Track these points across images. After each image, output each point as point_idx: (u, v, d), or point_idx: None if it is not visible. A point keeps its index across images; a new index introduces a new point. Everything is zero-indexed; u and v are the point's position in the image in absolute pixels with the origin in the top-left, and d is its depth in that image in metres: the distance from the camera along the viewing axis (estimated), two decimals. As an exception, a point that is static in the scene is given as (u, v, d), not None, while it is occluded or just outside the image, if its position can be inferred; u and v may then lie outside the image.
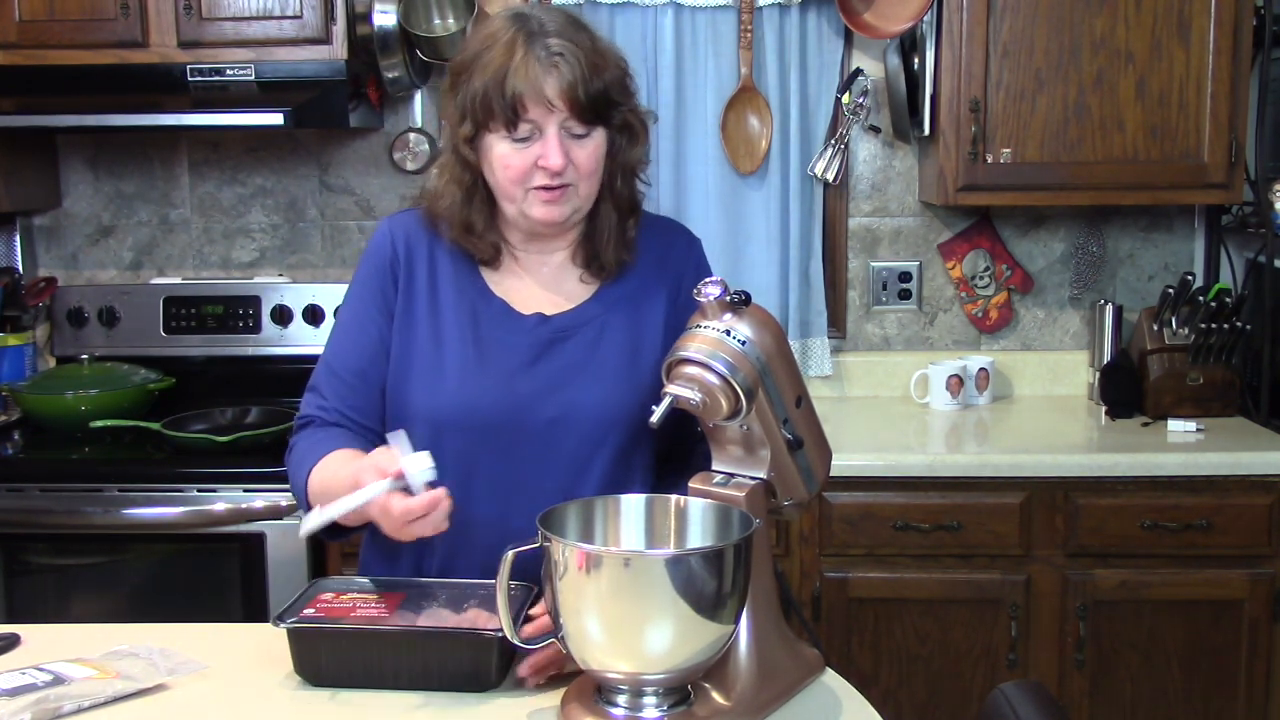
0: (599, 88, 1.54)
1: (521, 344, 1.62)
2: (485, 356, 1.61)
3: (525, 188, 1.56)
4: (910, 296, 3.25)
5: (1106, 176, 2.85)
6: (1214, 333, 2.90)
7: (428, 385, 1.61)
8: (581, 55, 1.53)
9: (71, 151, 3.27)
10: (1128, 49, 2.81)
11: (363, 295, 1.67)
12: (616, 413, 1.60)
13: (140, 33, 2.82)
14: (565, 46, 1.52)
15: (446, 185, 1.63)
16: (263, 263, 3.30)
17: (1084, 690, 2.66)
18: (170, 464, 2.68)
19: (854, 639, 2.67)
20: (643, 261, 1.68)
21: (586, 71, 1.53)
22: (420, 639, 1.42)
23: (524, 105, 1.51)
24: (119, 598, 2.68)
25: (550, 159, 1.53)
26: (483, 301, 1.64)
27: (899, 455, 2.66)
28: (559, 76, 1.51)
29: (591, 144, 1.57)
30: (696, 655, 1.29)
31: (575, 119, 1.54)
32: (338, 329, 1.68)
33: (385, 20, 2.92)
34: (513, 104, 1.51)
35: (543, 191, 1.55)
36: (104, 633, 1.62)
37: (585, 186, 1.58)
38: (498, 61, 1.52)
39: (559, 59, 1.52)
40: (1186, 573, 2.64)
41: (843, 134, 3.14)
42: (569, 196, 1.57)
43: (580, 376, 1.61)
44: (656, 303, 1.67)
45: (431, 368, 1.61)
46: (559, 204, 1.57)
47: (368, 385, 1.64)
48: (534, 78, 1.50)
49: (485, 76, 1.53)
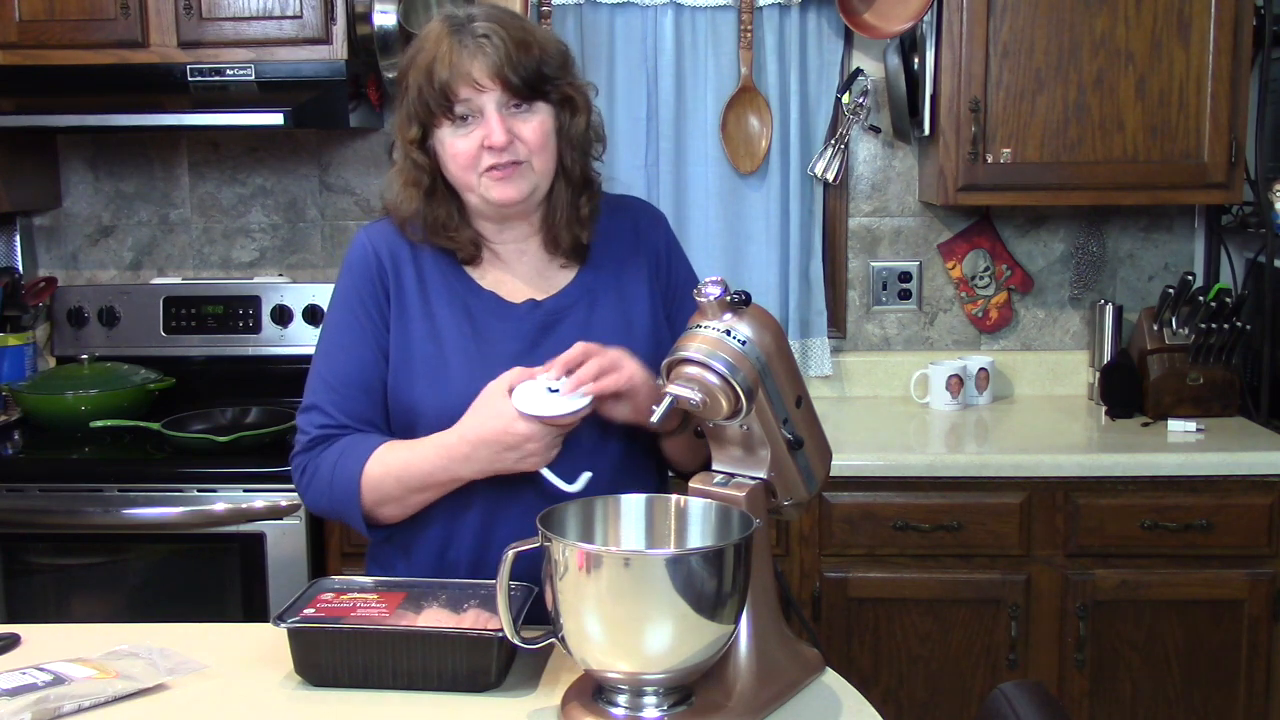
0: (528, 63, 1.57)
1: (518, 330, 1.64)
2: (485, 347, 1.62)
3: (478, 172, 1.59)
4: (910, 296, 3.25)
5: (1106, 176, 2.85)
6: (1214, 333, 2.90)
7: (433, 383, 1.61)
8: (506, 34, 1.56)
9: (71, 151, 3.27)
10: (1128, 49, 2.81)
11: (352, 308, 1.66)
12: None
13: (140, 33, 2.82)
14: (490, 29, 1.57)
15: (405, 190, 1.65)
16: (263, 263, 3.30)
17: (1084, 690, 2.66)
18: (170, 464, 2.68)
19: (854, 639, 2.67)
20: (618, 240, 1.72)
21: (513, 49, 1.56)
22: (420, 639, 1.42)
23: (453, 91, 1.55)
24: (119, 598, 2.68)
25: (492, 136, 1.56)
26: (473, 296, 1.66)
27: (899, 455, 2.66)
28: (484, 57, 1.55)
29: (535, 118, 1.59)
30: (696, 655, 1.29)
31: (509, 95, 1.56)
32: (328, 345, 1.67)
33: (385, 20, 2.91)
34: (443, 91, 1.55)
35: (494, 171, 1.58)
36: (104, 633, 1.62)
37: (539, 161, 1.60)
38: (426, 56, 1.57)
39: (484, 41, 1.56)
40: (1186, 573, 2.64)
41: (843, 134, 3.14)
42: (523, 173, 1.59)
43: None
44: (638, 278, 1.71)
45: (434, 366, 1.62)
46: (512, 181, 1.59)
47: (370, 396, 1.64)
48: (459, 62, 1.55)
49: (418, 74, 1.58)
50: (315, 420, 1.64)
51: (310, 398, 1.66)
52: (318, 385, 1.65)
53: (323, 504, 1.64)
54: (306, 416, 1.65)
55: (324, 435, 1.63)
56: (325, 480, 1.61)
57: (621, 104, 3.11)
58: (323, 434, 1.63)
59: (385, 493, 1.59)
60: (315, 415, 1.64)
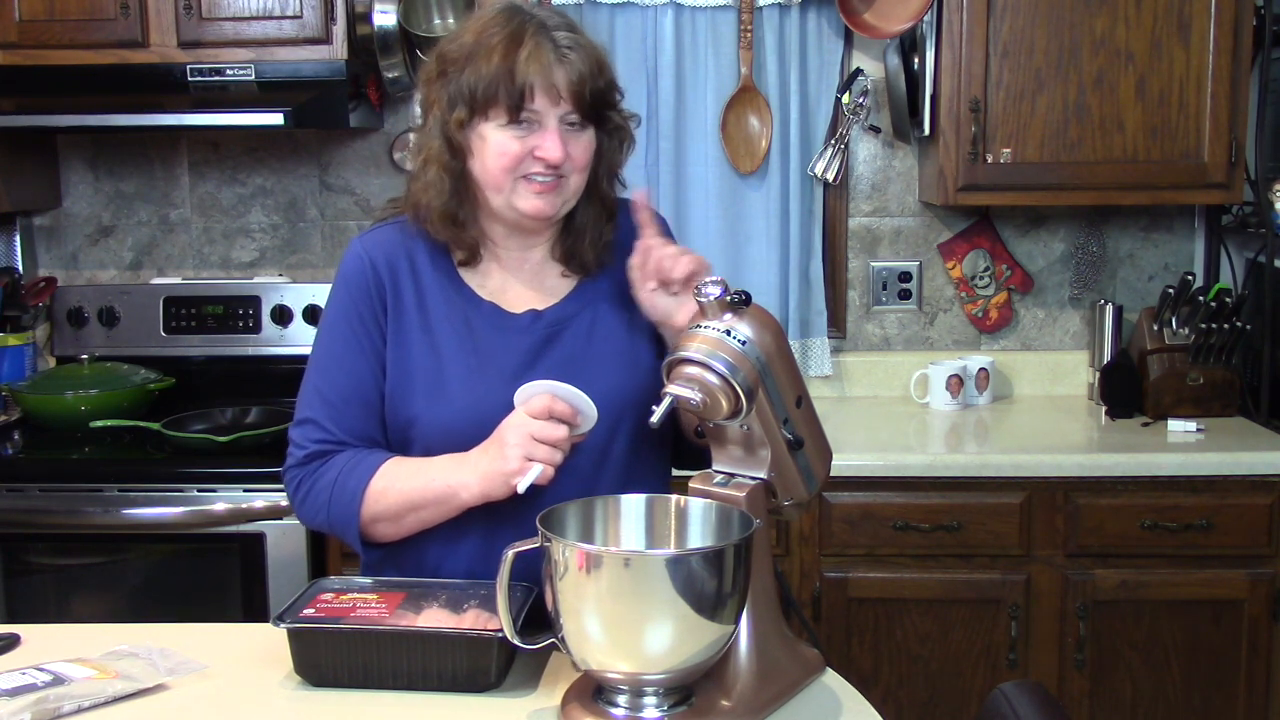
0: (602, 86, 1.56)
1: (519, 344, 1.61)
2: (486, 362, 1.60)
3: (516, 176, 1.56)
4: (910, 296, 3.25)
5: (1106, 176, 2.85)
6: (1214, 333, 2.90)
7: (432, 399, 1.59)
8: (587, 51, 1.55)
9: (71, 151, 3.27)
10: (1128, 49, 2.81)
11: (349, 320, 1.62)
12: (625, 397, 1.60)
13: (140, 33, 2.82)
14: (574, 41, 1.55)
15: (436, 174, 1.59)
16: (263, 263, 3.30)
17: (1084, 690, 2.66)
18: (170, 464, 2.68)
19: (854, 639, 2.67)
20: (616, 247, 1.69)
21: (595, 68, 1.55)
22: (420, 639, 1.42)
23: (532, 94, 1.52)
24: (119, 598, 2.68)
25: (550, 151, 1.53)
26: (472, 307, 1.63)
27: (899, 455, 2.66)
28: (569, 69, 1.53)
29: (585, 139, 1.58)
30: (696, 655, 1.29)
31: (576, 113, 1.55)
32: (324, 358, 1.63)
33: (385, 20, 2.92)
34: (521, 92, 1.51)
35: (535, 183, 1.55)
36: (104, 633, 1.62)
37: (576, 180, 1.59)
38: (504, 50, 1.52)
39: (569, 52, 1.53)
40: (1186, 573, 2.64)
41: (843, 134, 3.14)
42: (560, 190, 1.58)
43: (584, 368, 1.60)
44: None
45: (433, 382, 1.59)
46: (549, 196, 1.57)
47: (368, 411, 1.61)
48: (545, 68, 1.52)
49: (491, 64, 1.52)
50: (311, 435, 1.61)
51: (305, 411, 1.62)
52: (314, 399, 1.62)
53: (319, 519, 1.61)
54: (301, 430, 1.62)
55: (321, 450, 1.60)
56: (324, 496, 1.58)
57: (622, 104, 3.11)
58: (320, 449, 1.60)
59: (385, 507, 1.56)
60: (311, 429, 1.61)
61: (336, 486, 1.57)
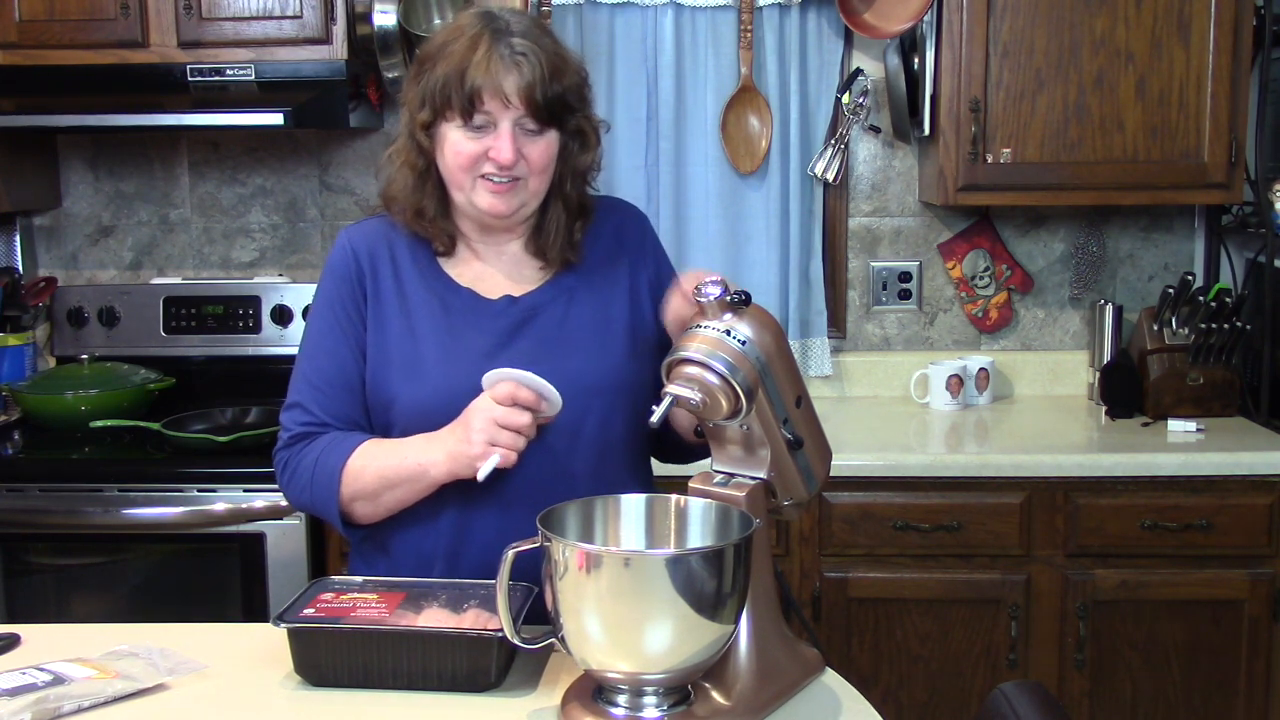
0: (557, 91, 1.59)
1: (494, 327, 1.65)
2: (460, 343, 1.64)
3: (473, 175, 1.61)
4: (910, 296, 3.25)
5: (1106, 176, 2.85)
6: (1214, 333, 2.90)
7: (408, 379, 1.63)
8: (543, 57, 1.58)
9: (71, 151, 3.27)
10: (1128, 49, 2.81)
11: (333, 308, 1.68)
12: (595, 380, 1.64)
13: (140, 33, 2.82)
14: (528, 47, 1.58)
15: (400, 169, 1.67)
16: (263, 263, 3.30)
17: (1084, 690, 2.66)
18: (170, 464, 2.68)
19: (854, 639, 2.67)
20: (599, 242, 1.73)
21: (546, 74, 1.58)
22: (420, 639, 1.42)
23: (481, 99, 1.56)
24: (119, 598, 2.68)
25: (501, 153, 1.58)
26: (450, 292, 1.68)
27: (899, 455, 2.66)
28: (519, 75, 1.57)
29: (544, 142, 1.61)
30: (696, 655, 1.29)
31: (530, 117, 1.59)
32: (311, 345, 1.70)
33: (385, 20, 2.91)
34: (470, 96, 1.56)
35: (490, 182, 1.60)
36: (104, 633, 1.62)
37: (535, 182, 1.63)
38: (460, 54, 1.57)
39: (521, 59, 1.57)
40: (1186, 573, 2.64)
41: (843, 134, 3.14)
42: (517, 190, 1.62)
43: (555, 350, 1.65)
44: (617, 277, 1.72)
45: (410, 362, 1.64)
46: (506, 196, 1.61)
47: (352, 394, 1.67)
48: (494, 74, 1.56)
49: (448, 67, 1.58)
50: (298, 418, 1.67)
51: (293, 396, 1.69)
52: (300, 384, 1.69)
53: (303, 499, 1.66)
54: (289, 414, 1.68)
55: (306, 432, 1.66)
56: (306, 475, 1.64)
57: (621, 104, 3.11)
58: (305, 430, 1.66)
59: (363, 486, 1.60)
60: (298, 413, 1.67)
61: (318, 466, 1.62)
